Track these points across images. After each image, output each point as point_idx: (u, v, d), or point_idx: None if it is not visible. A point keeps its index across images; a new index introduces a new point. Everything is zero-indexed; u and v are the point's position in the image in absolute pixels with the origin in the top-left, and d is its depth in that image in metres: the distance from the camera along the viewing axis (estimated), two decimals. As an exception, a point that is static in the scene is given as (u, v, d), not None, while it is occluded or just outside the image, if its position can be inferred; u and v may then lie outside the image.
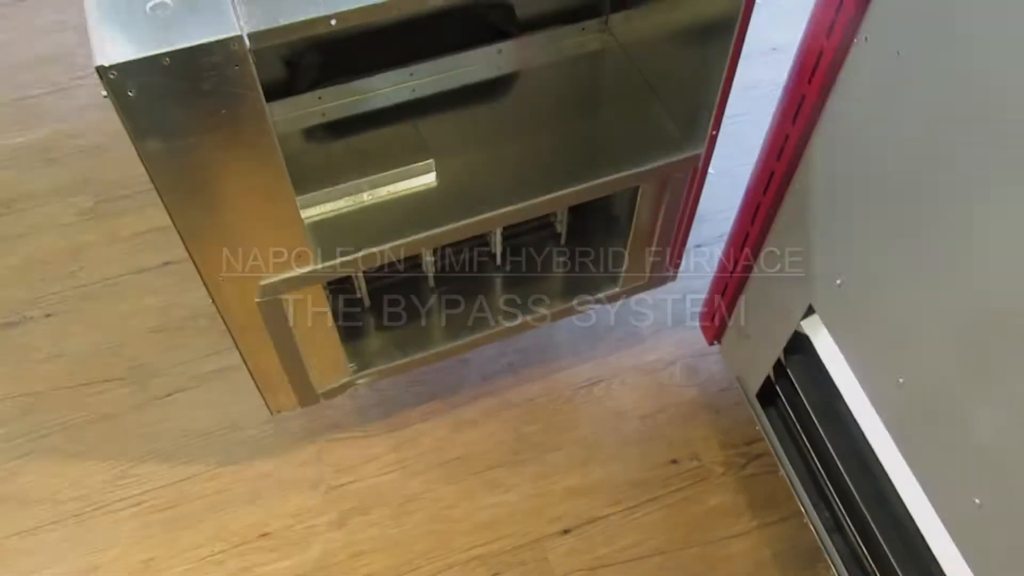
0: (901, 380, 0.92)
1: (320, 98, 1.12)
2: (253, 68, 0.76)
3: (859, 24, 0.86)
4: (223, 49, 0.73)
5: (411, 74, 1.15)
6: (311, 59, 1.09)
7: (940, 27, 0.76)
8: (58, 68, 1.91)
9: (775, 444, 1.27)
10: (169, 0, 0.74)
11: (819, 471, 1.17)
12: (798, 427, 1.20)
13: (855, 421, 1.04)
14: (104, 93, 0.73)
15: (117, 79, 0.71)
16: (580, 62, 1.21)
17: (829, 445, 1.10)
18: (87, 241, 1.64)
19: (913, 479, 0.95)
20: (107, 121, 1.81)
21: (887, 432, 0.98)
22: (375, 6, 0.77)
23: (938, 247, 0.83)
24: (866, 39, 0.85)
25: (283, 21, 0.75)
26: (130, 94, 0.73)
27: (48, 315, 1.55)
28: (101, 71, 0.70)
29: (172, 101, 0.76)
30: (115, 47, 0.71)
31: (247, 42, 0.74)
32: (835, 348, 1.04)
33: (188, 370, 1.49)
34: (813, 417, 1.12)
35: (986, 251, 0.77)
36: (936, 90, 0.78)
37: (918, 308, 0.88)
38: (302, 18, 0.75)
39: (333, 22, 0.76)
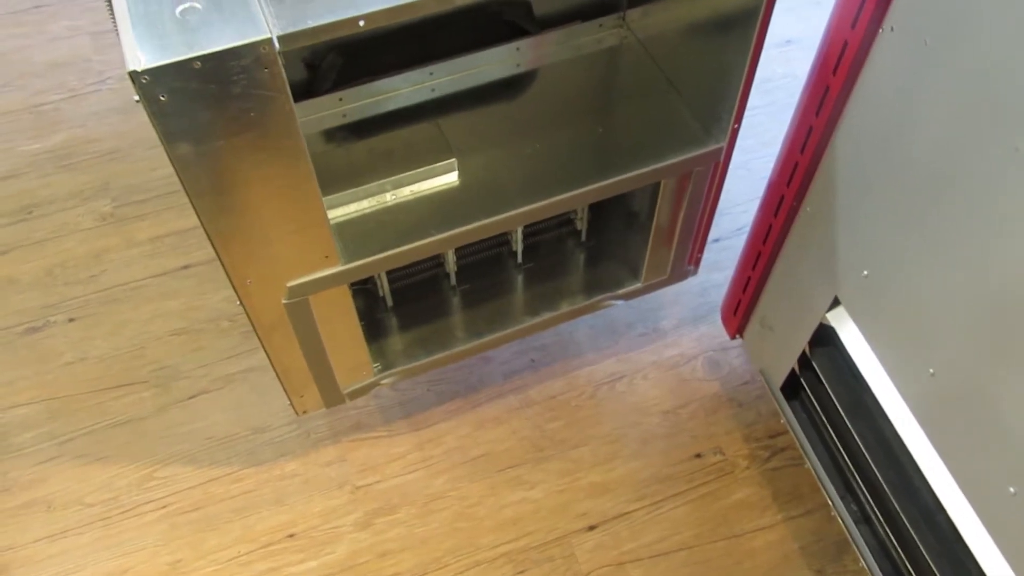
0: (932, 371, 0.92)
1: (341, 99, 1.12)
2: (282, 70, 0.76)
3: (884, 14, 0.85)
4: (253, 52, 0.73)
5: (431, 73, 1.15)
6: (331, 60, 1.09)
7: (967, 16, 0.76)
8: (73, 74, 1.92)
9: (800, 436, 1.26)
10: (198, 4, 0.75)
11: (845, 462, 1.17)
12: (824, 419, 1.20)
13: (882, 411, 1.04)
14: (136, 97, 0.73)
15: (149, 84, 0.72)
16: (599, 58, 1.21)
17: (856, 436, 1.10)
18: (107, 245, 1.65)
19: (944, 468, 0.95)
20: (124, 125, 1.82)
21: (917, 422, 0.98)
22: (403, 6, 0.77)
23: (965, 237, 0.83)
24: (892, 29, 0.85)
25: (312, 23, 0.75)
26: (162, 98, 0.73)
27: (71, 319, 1.56)
28: (134, 76, 0.71)
29: (203, 104, 0.76)
30: (147, 52, 0.71)
31: (276, 44, 0.74)
32: (862, 340, 1.04)
33: (211, 372, 1.50)
34: (839, 408, 1.12)
35: (1014, 240, 0.77)
36: (963, 80, 0.78)
37: (947, 298, 0.87)
38: (331, 20, 0.75)
39: (362, 23, 0.76)
